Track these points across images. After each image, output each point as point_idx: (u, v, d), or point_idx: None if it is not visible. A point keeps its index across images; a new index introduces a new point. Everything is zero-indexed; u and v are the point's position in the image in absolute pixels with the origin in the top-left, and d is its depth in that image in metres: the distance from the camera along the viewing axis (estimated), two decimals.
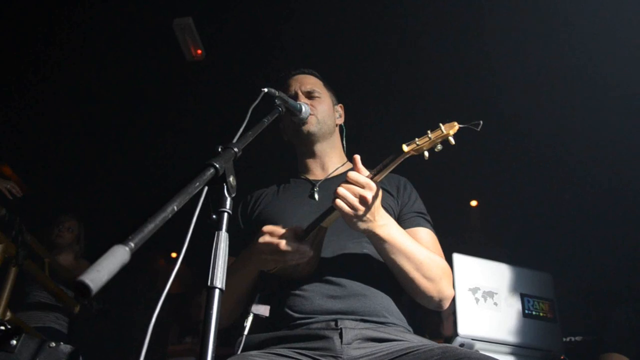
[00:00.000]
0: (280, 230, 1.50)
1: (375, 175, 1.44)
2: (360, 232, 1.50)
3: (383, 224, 1.50)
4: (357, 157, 1.49)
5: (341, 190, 1.42)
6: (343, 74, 3.97)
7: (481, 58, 4.11)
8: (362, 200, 1.42)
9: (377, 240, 1.53)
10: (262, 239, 1.51)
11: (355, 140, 2.05)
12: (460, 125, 1.34)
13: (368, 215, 1.45)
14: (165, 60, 4.34)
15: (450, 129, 1.34)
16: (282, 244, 1.47)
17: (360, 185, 1.42)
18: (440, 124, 1.34)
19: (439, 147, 1.35)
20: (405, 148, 1.38)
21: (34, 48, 4.24)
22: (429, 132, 1.36)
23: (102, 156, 5.23)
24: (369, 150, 1.55)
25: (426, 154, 1.36)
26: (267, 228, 1.52)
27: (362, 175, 1.44)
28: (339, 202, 1.43)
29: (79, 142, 5.07)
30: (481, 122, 1.31)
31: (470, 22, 3.90)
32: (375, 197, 1.44)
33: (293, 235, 1.49)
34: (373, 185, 1.43)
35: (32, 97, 4.64)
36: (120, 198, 5.45)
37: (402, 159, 1.40)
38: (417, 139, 1.37)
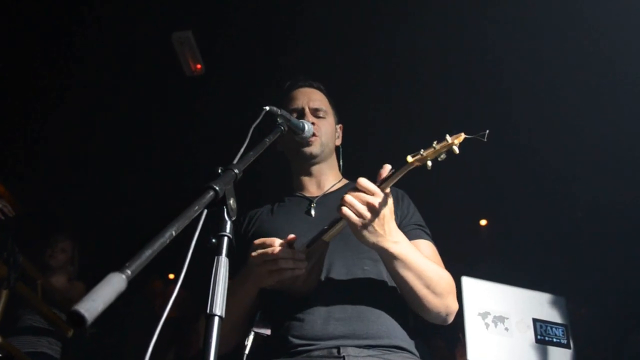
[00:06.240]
0: (271, 239, 1.46)
1: (379, 185, 1.39)
2: (370, 246, 1.44)
3: (396, 240, 1.45)
4: (387, 166, 1.43)
5: (348, 197, 1.38)
6: (345, 88, 3.91)
7: (492, 70, 4.03)
8: (371, 207, 1.37)
9: (388, 257, 1.47)
10: (254, 252, 1.46)
11: (359, 150, 2.00)
12: (467, 136, 1.29)
13: (376, 227, 1.39)
14: (163, 75, 4.29)
15: (456, 139, 1.29)
16: (275, 250, 1.43)
17: (370, 193, 1.37)
18: (447, 135, 1.30)
19: (443, 156, 1.30)
20: (409, 159, 1.34)
21: (28, 60, 4.19)
22: (434, 143, 1.32)
23: (98, 173, 5.16)
24: (371, 163, 1.49)
25: (429, 163, 1.31)
26: (258, 240, 1.48)
27: (371, 182, 1.39)
28: (345, 209, 1.37)
29: (74, 159, 5.01)
30: (487, 131, 1.28)
31: (481, 29, 3.81)
32: (383, 205, 1.39)
33: (285, 244, 1.45)
34: (381, 193, 1.38)
35: (25, 113, 4.59)
36: (117, 217, 5.37)
37: (406, 170, 1.36)
38: (422, 150, 1.33)
